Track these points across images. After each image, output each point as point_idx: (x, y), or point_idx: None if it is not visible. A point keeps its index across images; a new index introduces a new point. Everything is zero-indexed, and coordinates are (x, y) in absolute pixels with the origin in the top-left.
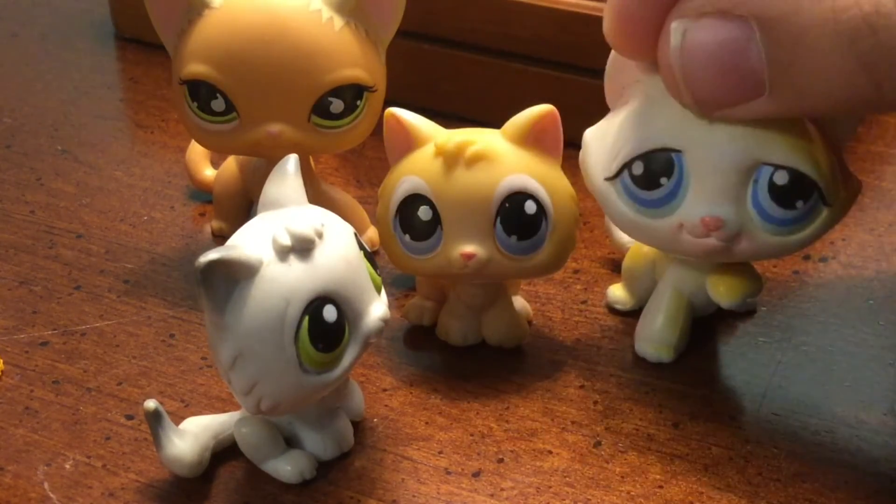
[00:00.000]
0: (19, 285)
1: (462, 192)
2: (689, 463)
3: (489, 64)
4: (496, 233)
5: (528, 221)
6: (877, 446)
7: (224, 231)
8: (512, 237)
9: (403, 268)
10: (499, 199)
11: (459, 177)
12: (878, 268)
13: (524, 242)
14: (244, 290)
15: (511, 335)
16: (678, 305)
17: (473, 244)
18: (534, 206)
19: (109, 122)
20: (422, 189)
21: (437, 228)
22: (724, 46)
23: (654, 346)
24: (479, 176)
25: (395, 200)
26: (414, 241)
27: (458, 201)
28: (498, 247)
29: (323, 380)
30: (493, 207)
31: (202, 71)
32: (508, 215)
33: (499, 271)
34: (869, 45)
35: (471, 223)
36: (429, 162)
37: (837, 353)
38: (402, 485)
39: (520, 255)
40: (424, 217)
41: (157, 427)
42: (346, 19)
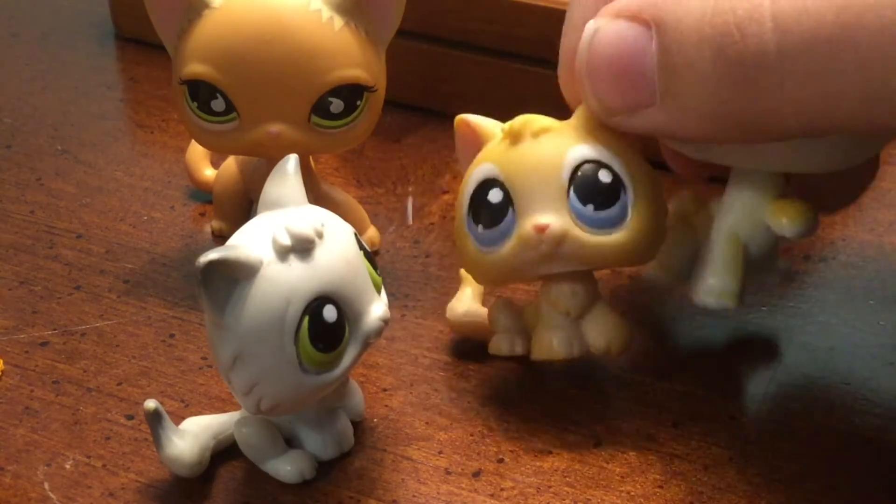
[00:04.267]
0: (19, 285)
1: (530, 163)
2: (689, 463)
3: (489, 64)
4: (570, 203)
5: (605, 189)
6: (877, 446)
7: (224, 231)
8: (588, 206)
9: (482, 274)
10: (570, 167)
11: (527, 149)
12: (878, 268)
13: (603, 213)
14: (244, 290)
15: (619, 337)
16: (736, 250)
17: (547, 216)
18: (609, 176)
19: (109, 122)
20: (490, 173)
21: (509, 210)
22: (622, 49)
23: (715, 295)
24: (547, 145)
25: (466, 197)
26: (486, 231)
27: (526, 173)
28: (574, 218)
29: (323, 380)
30: (565, 175)
31: (202, 71)
32: (582, 183)
33: (579, 250)
34: (736, 53)
35: (542, 194)
36: (497, 147)
37: (837, 353)
38: (402, 485)
39: (600, 229)
40: (495, 199)
41: (157, 427)
42: (346, 19)
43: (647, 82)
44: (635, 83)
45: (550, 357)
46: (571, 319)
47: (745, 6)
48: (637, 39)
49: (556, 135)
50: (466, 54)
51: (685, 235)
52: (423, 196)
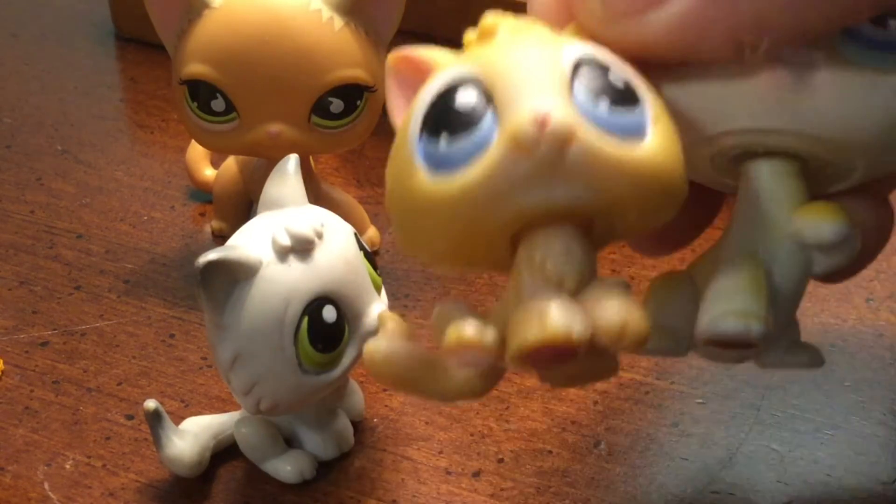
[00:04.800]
0: (19, 285)
1: (519, 48)
2: (689, 463)
3: None
4: (575, 97)
5: (619, 90)
6: (877, 446)
7: (224, 231)
8: (600, 102)
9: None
10: (570, 61)
11: (507, 39)
12: (878, 268)
13: (619, 114)
14: (244, 291)
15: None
16: (757, 269)
17: (547, 102)
18: (621, 81)
19: (109, 122)
20: (458, 74)
21: (487, 112)
22: None
23: (736, 316)
24: (534, 37)
25: (416, 118)
26: (451, 140)
27: (514, 61)
28: (581, 117)
29: (322, 380)
30: (566, 66)
31: (202, 71)
32: (589, 75)
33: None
34: None
35: (538, 83)
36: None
37: (837, 353)
38: (402, 485)
39: (618, 136)
40: (467, 100)
41: (157, 427)
42: (346, 19)
43: None
44: None
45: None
46: (566, 293)
47: None
48: None
49: (544, 31)
50: None
51: (684, 287)
52: None
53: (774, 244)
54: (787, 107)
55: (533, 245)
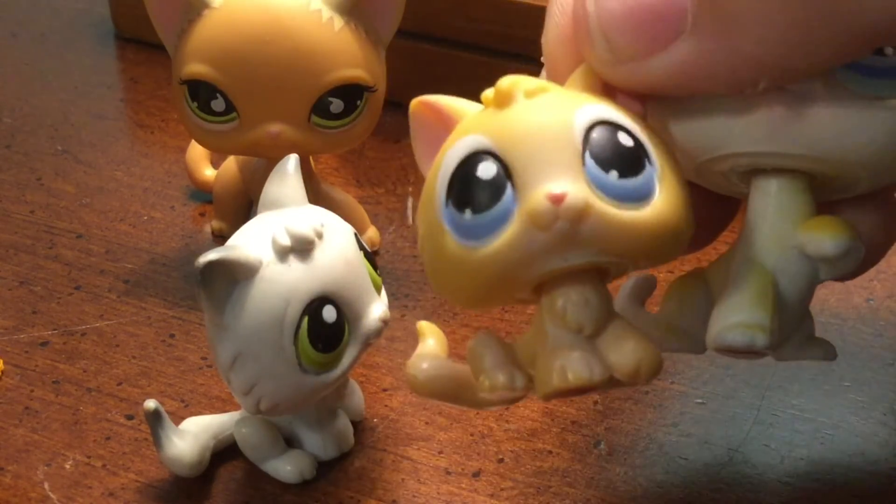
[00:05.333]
0: (19, 285)
1: (531, 124)
2: (689, 463)
3: (489, 64)
4: (588, 170)
5: (628, 153)
6: (877, 446)
7: (224, 231)
8: (612, 173)
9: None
10: (583, 127)
11: (523, 109)
12: (878, 268)
13: (629, 181)
14: (244, 291)
15: (649, 357)
16: (764, 280)
17: (561, 183)
18: (630, 140)
19: (109, 122)
20: (478, 144)
21: (507, 185)
22: None
23: (742, 329)
24: (549, 104)
25: (442, 181)
26: (475, 216)
27: (527, 136)
28: (594, 189)
29: (322, 380)
30: (577, 136)
31: (202, 71)
32: (600, 145)
33: (605, 229)
34: None
35: (553, 160)
36: (479, 117)
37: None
38: (402, 485)
39: (627, 203)
40: (487, 174)
41: (157, 427)
42: (346, 19)
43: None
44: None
45: (564, 385)
46: (585, 338)
47: None
48: None
49: (557, 95)
50: (466, 54)
51: (699, 290)
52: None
53: (782, 255)
54: (789, 132)
55: (553, 296)
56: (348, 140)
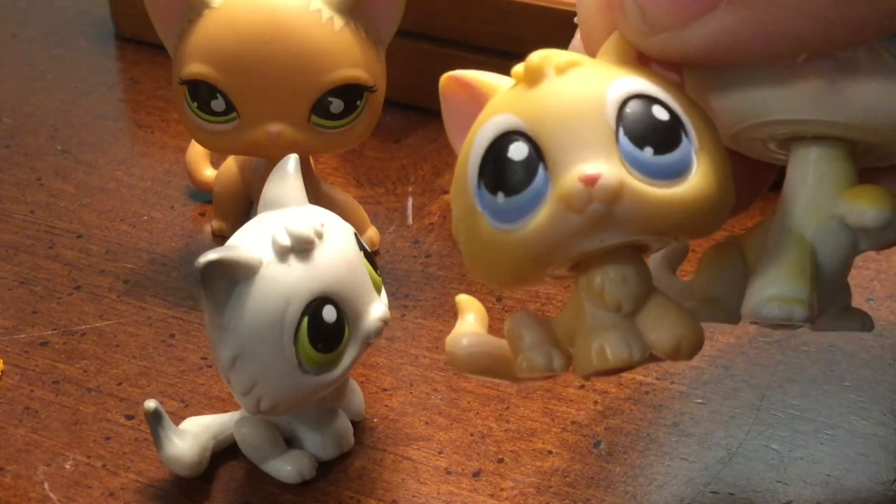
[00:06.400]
0: (19, 285)
1: (562, 102)
2: (689, 463)
3: (489, 64)
4: (621, 147)
5: (663, 128)
6: (877, 446)
7: (224, 231)
8: (646, 150)
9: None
10: (615, 103)
11: (554, 87)
12: (878, 268)
13: (665, 157)
14: (244, 291)
15: (690, 334)
16: (802, 252)
17: (594, 163)
18: (665, 112)
19: (109, 122)
20: (509, 124)
21: (539, 167)
22: None
23: (779, 300)
24: (581, 80)
25: (474, 163)
26: (509, 199)
27: (559, 114)
28: (628, 167)
29: (322, 380)
30: (611, 113)
31: (202, 71)
32: (634, 121)
33: (640, 209)
34: None
35: (584, 140)
36: (509, 94)
37: (837, 353)
38: (402, 485)
39: (663, 180)
40: (519, 156)
41: (157, 427)
42: (346, 19)
43: None
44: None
45: (605, 366)
46: (623, 316)
47: None
48: None
49: (588, 69)
50: (466, 54)
51: (734, 260)
52: (423, 196)
53: (821, 225)
54: (831, 101)
55: (591, 274)
56: (348, 140)
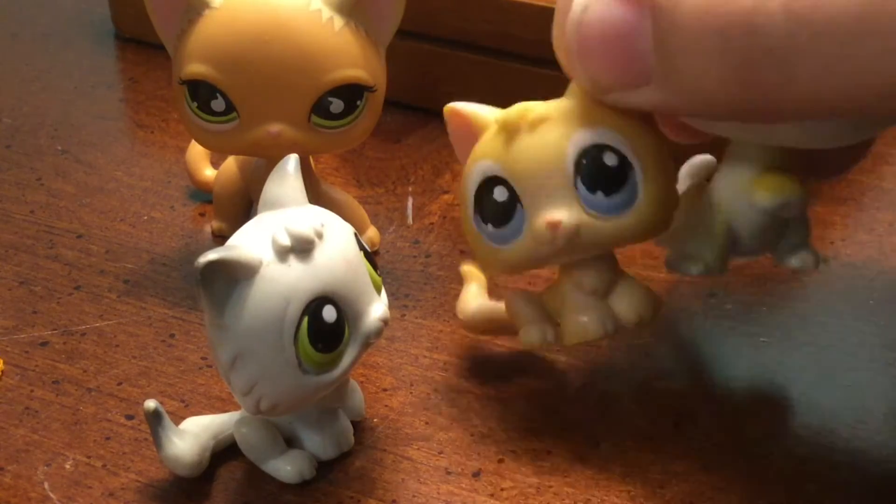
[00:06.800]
0: (19, 285)
1: (532, 158)
2: (689, 463)
3: (489, 64)
4: (579, 193)
5: (612, 174)
6: (877, 446)
7: (224, 231)
8: (598, 194)
9: (497, 269)
10: (573, 157)
11: (526, 143)
12: (879, 268)
13: (614, 198)
14: (244, 291)
15: (648, 306)
16: (714, 219)
17: (557, 211)
18: (615, 158)
19: (109, 122)
20: (491, 170)
21: (517, 206)
22: (615, 28)
23: (680, 259)
24: (547, 137)
25: (469, 196)
26: (497, 229)
27: (530, 169)
28: (585, 210)
29: (322, 380)
30: (569, 166)
31: (202, 71)
32: (588, 171)
33: (596, 238)
34: (744, 44)
35: (550, 190)
36: (494, 141)
37: (837, 353)
38: (402, 485)
39: (613, 214)
40: (500, 198)
41: (157, 427)
42: (346, 19)
43: (642, 61)
44: (629, 62)
45: (585, 339)
46: (598, 297)
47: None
48: (630, 18)
49: (555, 124)
50: (466, 54)
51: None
52: (423, 196)
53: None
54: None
55: (571, 270)
56: (348, 140)
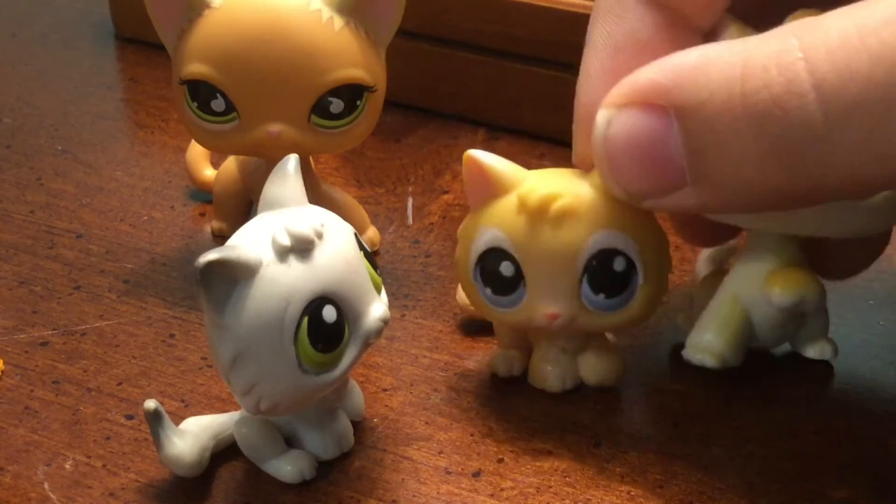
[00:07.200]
0: (19, 285)
1: (546, 252)
2: (689, 463)
3: (489, 64)
4: (582, 291)
5: (618, 279)
6: (877, 446)
7: (224, 231)
8: (599, 296)
9: (485, 315)
10: (585, 259)
11: (544, 235)
12: (878, 268)
13: (614, 300)
14: (244, 291)
15: (613, 373)
16: (731, 311)
17: (558, 304)
18: (623, 263)
19: (109, 122)
20: (504, 244)
21: (521, 285)
22: (642, 137)
23: (699, 350)
24: (565, 234)
25: (475, 251)
26: (496, 296)
27: (542, 260)
28: (584, 305)
29: (322, 380)
30: (580, 267)
31: (202, 71)
32: (596, 274)
33: (587, 326)
34: (779, 130)
35: (555, 283)
36: (511, 215)
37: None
38: (402, 485)
39: (608, 312)
40: (506, 273)
41: (157, 427)
42: (346, 19)
43: (674, 167)
44: (662, 169)
45: (543, 387)
46: (568, 354)
47: (780, 81)
48: (656, 126)
49: (576, 221)
50: (466, 54)
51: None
52: (423, 196)
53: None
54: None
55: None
56: (348, 140)
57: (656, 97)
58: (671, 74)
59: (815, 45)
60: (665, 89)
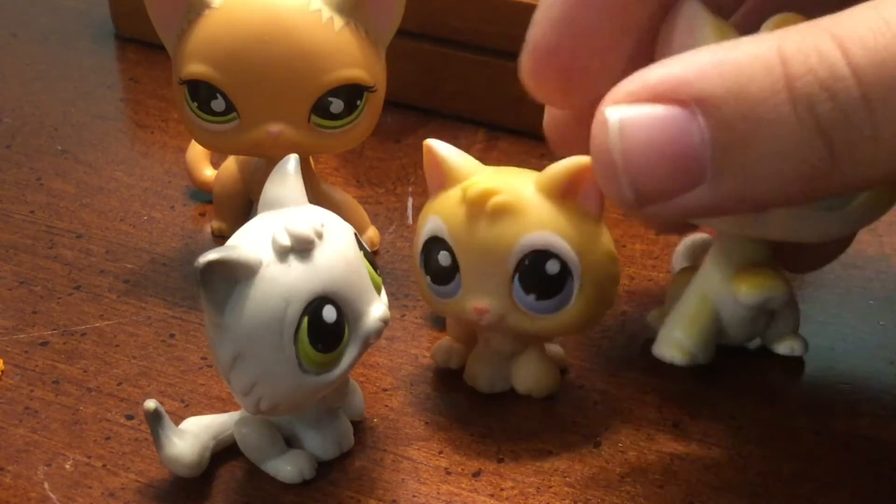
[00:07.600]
0: (19, 285)
1: (480, 245)
2: (689, 463)
3: (489, 64)
4: (513, 290)
5: (550, 281)
6: (877, 446)
7: (224, 231)
8: (530, 296)
9: (430, 305)
10: (517, 257)
11: (480, 228)
12: (878, 268)
13: (545, 302)
14: (244, 291)
15: (541, 385)
16: (700, 309)
17: (488, 299)
18: (557, 266)
19: (109, 122)
20: (442, 233)
21: (456, 275)
22: (665, 131)
23: (667, 346)
24: (499, 230)
25: (421, 239)
26: (435, 284)
27: (475, 253)
28: (515, 303)
29: (322, 380)
30: (511, 264)
31: (202, 71)
32: (527, 274)
33: (520, 327)
34: (827, 109)
35: (487, 277)
36: (454, 206)
37: (837, 353)
38: (402, 485)
39: (541, 314)
40: (444, 262)
41: (157, 427)
42: (346, 19)
43: (696, 162)
44: (684, 165)
45: (473, 385)
46: (502, 357)
47: (823, 66)
48: (679, 120)
49: (513, 218)
50: (466, 54)
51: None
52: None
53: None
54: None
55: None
56: (348, 140)
57: (674, 91)
58: (692, 67)
59: (848, 36)
60: (687, 81)
